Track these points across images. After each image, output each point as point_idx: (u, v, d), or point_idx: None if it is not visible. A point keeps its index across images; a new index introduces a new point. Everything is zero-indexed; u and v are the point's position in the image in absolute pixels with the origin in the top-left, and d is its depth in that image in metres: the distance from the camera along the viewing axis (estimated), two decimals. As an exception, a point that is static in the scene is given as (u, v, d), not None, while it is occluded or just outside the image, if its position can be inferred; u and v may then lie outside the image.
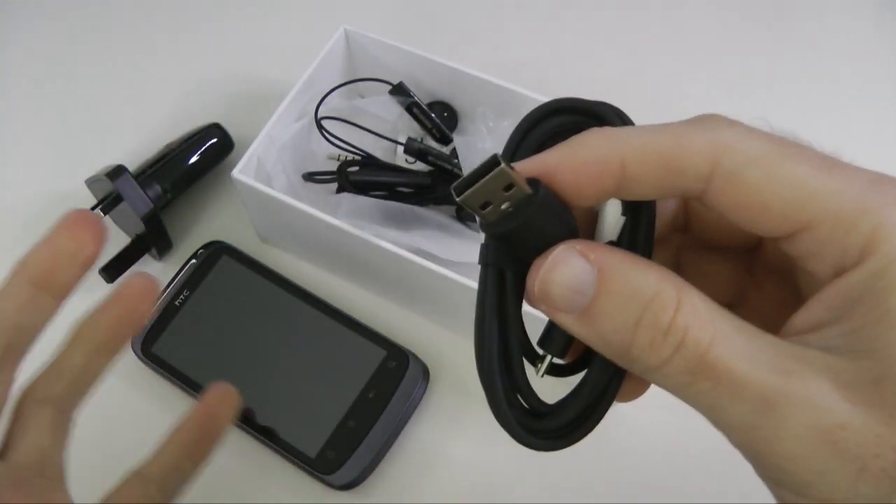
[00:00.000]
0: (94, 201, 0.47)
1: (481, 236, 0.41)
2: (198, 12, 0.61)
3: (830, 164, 0.20)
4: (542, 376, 0.23)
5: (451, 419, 0.45)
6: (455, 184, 0.20)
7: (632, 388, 0.25)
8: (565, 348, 0.23)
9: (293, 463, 0.42)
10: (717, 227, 0.23)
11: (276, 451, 0.43)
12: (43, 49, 0.60)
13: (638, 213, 0.21)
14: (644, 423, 0.44)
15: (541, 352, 0.23)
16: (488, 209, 0.20)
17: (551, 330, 0.23)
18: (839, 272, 0.19)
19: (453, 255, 0.44)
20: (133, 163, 0.49)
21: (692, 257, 0.25)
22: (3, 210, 0.52)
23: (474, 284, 0.40)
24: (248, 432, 0.43)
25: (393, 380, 0.43)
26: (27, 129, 0.56)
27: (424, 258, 0.41)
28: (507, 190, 0.20)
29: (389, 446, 0.43)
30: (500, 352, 0.22)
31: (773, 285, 0.21)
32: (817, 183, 0.19)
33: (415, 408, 0.44)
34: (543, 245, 0.20)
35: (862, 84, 0.56)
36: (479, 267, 0.22)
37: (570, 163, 0.21)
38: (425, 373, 0.44)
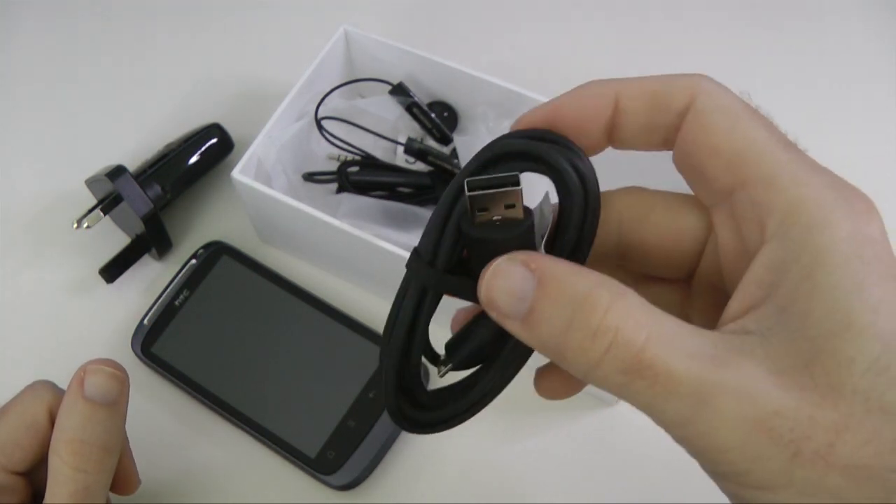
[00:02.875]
0: (94, 201, 0.47)
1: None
2: (198, 13, 0.61)
3: (786, 141, 0.21)
4: (442, 376, 0.25)
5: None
6: (471, 179, 0.22)
7: (563, 388, 0.27)
8: (467, 366, 0.25)
9: (293, 463, 0.42)
10: (655, 257, 0.24)
11: (276, 451, 0.43)
12: (43, 49, 0.60)
13: (582, 228, 0.22)
14: (644, 423, 0.44)
15: (444, 356, 0.25)
16: (482, 213, 0.22)
17: (460, 343, 0.25)
18: (764, 240, 0.20)
19: (453, 255, 0.44)
20: (133, 163, 0.49)
21: (632, 287, 0.26)
22: (3, 210, 0.52)
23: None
24: (248, 432, 0.43)
25: (393, 380, 0.43)
26: (27, 129, 0.56)
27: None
28: (506, 208, 0.22)
29: (389, 446, 0.43)
30: (404, 352, 0.24)
31: (709, 308, 0.22)
32: (765, 146, 0.20)
33: (415, 408, 0.44)
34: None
35: (862, 83, 0.56)
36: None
37: (570, 101, 0.23)
38: (425, 373, 0.44)
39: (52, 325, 0.48)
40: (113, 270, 0.48)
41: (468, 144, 0.46)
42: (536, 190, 0.24)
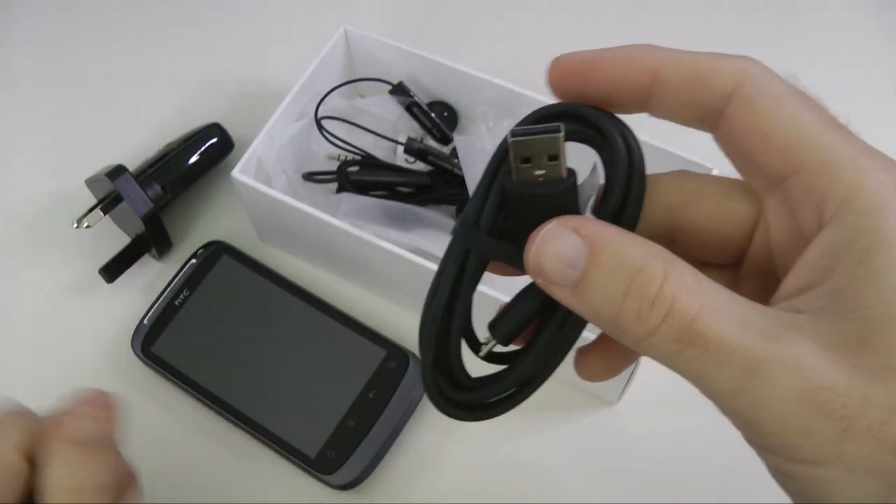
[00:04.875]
0: (94, 201, 0.47)
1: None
2: (198, 12, 0.61)
3: (837, 124, 0.21)
4: (483, 356, 0.24)
5: (451, 419, 0.44)
6: (516, 127, 0.21)
7: (605, 369, 0.26)
8: (510, 338, 0.23)
9: (293, 463, 0.42)
10: (703, 242, 0.24)
11: (276, 451, 0.43)
12: (43, 49, 0.60)
13: (628, 189, 0.22)
14: (644, 423, 0.44)
15: (486, 336, 0.24)
16: (525, 166, 0.21)
17: (503, 317, 0.23)
18: (821, 225, 0.20)
19: (453, 255, 0.44)
20: (133, 163, 0.49)
21: None
22: (3, 210, 0.52)
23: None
24: (248, 432, 0.43)
25: (393, 380, 0.43)
26: (27, 129, 0.56)
27: (424, 258, 0.41)
28: (549, 160, 0.21)
29: (389, 446, 0.43)
30: (443, 322, 0.23)
31: (757, 294, 0.22)
32: (818, 130, 0.20)
33: (415, 408, 0.44)
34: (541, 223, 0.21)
35: (862, 83, 0.56)
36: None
37: (612, 57, 0.22)
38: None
39: (52, 325, 0.48)
40: (113, 270, 0.48)
41: (468, 144, 0.46)
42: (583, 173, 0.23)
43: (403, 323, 0.47)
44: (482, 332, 0.24)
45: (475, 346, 0.24)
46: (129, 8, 0.61)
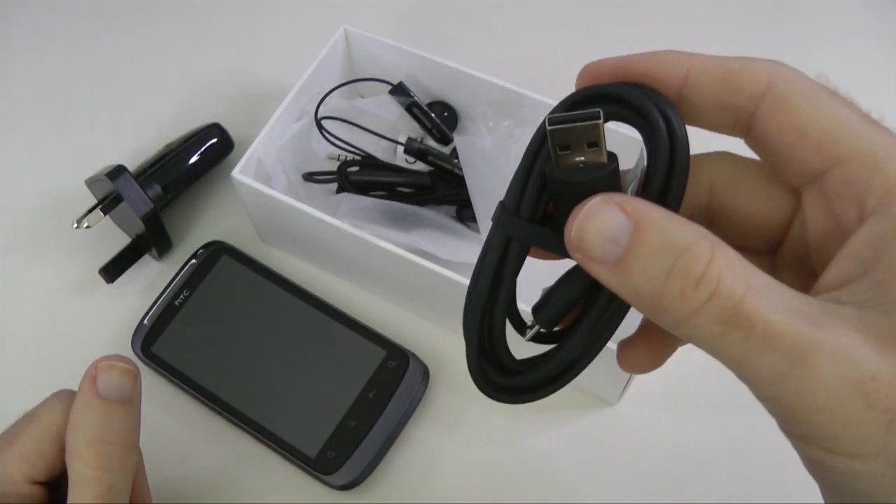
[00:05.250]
0: (94, 201, 0.47)
1: (481, 237, 0.41)
2: (198, 12, 0.61)
3: (872, 119, 0.21)
4: (529, 339, 0.24)
5: (451, 419, 0.45)
6: (552, 114, 0.21)
7: (647, 361, 0.26)
8: (554, 322, 0.24)
9: (293, 463, 0.42)
10: (742, 226, 0.24)
11: (276, 451, 0.43)
12: (43, 49, 0.60)
13: (671, 170, 0.22)
14: (645, 423, 0.44)
15: (530, 320, 0.24)
16: (564, 153, 0.21)
17: (546, 301, 0.24)
18: (863, 217, 0.20)
19: (453, 255, 0.44)
20: (133, 163, 0.49)
21: None
22: (4, 210, 0.52)
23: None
24: (248, 432, 0.43)
25: (393, 380, 0.43)
26: (27, 129, 0.56)
27: (424, 258, 0.41)
28: (589, 146, 0.21)
29: (389, 446, 0.43)
30: (486, 308, 0.23)
31: (793, 284, 0.22)
32: (854, 124, 0.21)
33: (415, 408, 0.44)
34: None
35: (863, 84, 0.56)
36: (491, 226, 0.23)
37: (642, 60, 0.22)
38: (425, 373, 0.44)
39: (52, 325, 0.48)
40: (113, 270, 0.48)
41: (468, 144, 0.46)
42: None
43: (403, 323, 0.47)
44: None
45: (521, 328, 0.24)
46: (129, 8, 0.61)
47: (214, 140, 0.51)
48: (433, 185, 0.46)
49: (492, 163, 0.44)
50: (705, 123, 0.23)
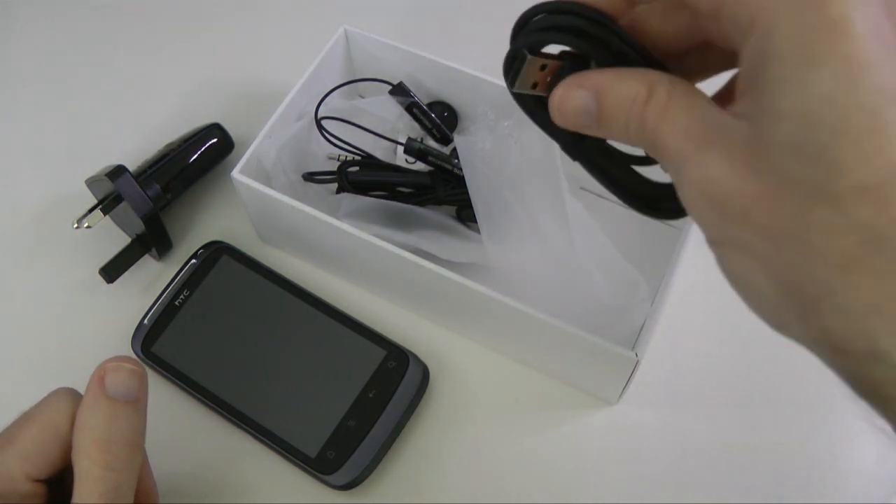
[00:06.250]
0: (94, 201, 0.47)
1: (481, 237, 0.42)
2: (198, 13, 0.61)
3: None
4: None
5: (451, 419, 0.45)
6: (507, 81, 0.28)
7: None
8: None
9: (293, 463, 0.42)
10: (658, 37, 0.28)
11: (276, 451, 0.43)
12: (43, 49, 0.60)
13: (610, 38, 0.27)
14: (645, 423, 0.44)
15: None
16: (537, 88, 0.28)
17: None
18: (745, 38, 0.23)
19: (453, 256, 0.44)
20: (133, 163, 0.49)
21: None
22: (4, 210, 0.52)
23: (474, 285, 0.40)
24: (248, 432, 0.43)
25: (393, 380, 0.43)
26: (27, 130, 0.56)
27: (424, 258, 0.41)
28: (542, 69, 0.27)
29: (389, 446, 0.43)
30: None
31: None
32: None
33: (415, 408, 0.44)
34: None
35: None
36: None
37: None
38: (425, 373, 0.44)
39: (53, 325, 0.48)
40: (113, 270, 0.48)
41: (468, 144, 0.46)
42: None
43: (403, 323, 0.47)
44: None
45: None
46: (129, 8, 0.61)
47: (214, 140, 0.51)
48: (433, 185, 0.46)
49: (492, 163, 0.44)
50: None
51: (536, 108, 0.29)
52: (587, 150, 0.30)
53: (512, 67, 0.28)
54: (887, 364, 0.21)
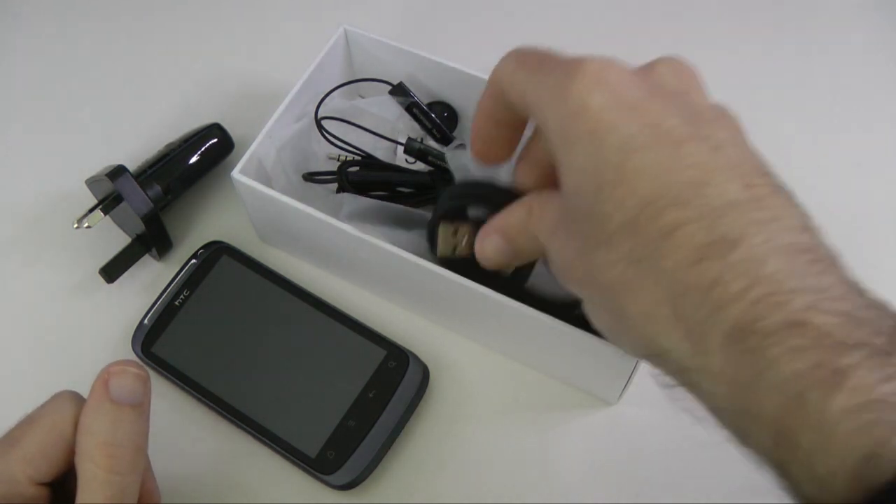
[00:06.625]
0: (94, 201, 0.47)
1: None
2: (198, 12, 0.61)
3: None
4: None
5: (452, 419, 0.45)
6: (430, 251, 0.38)
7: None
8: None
9: (293, 463, 0.42)
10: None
11: (276, 451, 0.43)
12: (43, 49, 0.60)
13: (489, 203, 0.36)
14: (645, 423, 0.44)
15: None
16: (458, 249, 0.38)
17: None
18: (553, 153, 0.30)
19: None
20: (133, 163, 0.49)
21: None
22: (4, 210, 0.52)
23: (474, 285, 0.40)
24: (248, 432, 0.43)
25: (393, 380, 0.43)
26: (27, 129, 0.56)
27: (424, 258, 0.41)
28: (455, 234, 0.37)
29: (389, 446, 0.43)
30: None
31: None
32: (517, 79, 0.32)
33: (415, 408, 0.44)
34: None
35: (863, 85, 0.56)
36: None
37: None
38: (425, 373, 0.44)
39: (53, 325, 0.48)
40: (113, 270, 0.48)
41: (458, 157, 0.46)
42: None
43: (403, 323, 0.47)
44: None
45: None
46: (128, 8, 0.61)
47: (214, 140, 0.51)
48: (433, 185, 0.46)
49: (486, 170, 0.44)
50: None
51: (468, 269, 0.37)
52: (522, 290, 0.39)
53: (433, 238, 0.38)
54: (671, 359, 0.27)
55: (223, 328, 0.45)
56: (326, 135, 0.46)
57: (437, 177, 0.47)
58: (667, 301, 0.26)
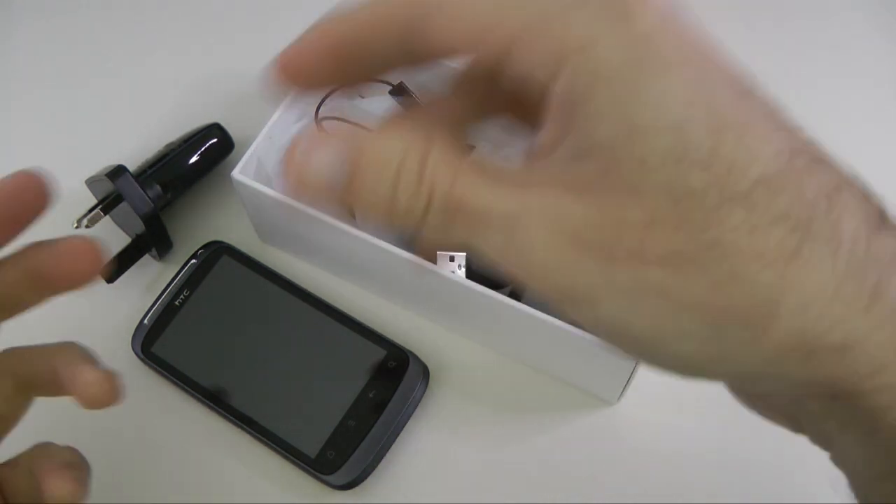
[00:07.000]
0: (94, 201, 0.47)
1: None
2: (198, 12, 0.61)
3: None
4: None
5: (452, 419, 0.45)
6: None
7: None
8: None
9: (293, 463, 0.42)
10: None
11: (276, 451, 0.43)
12: (43, 49, 0.59)
13: None
14: (645, 423, 0.44)
15: None
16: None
17: None
18: (549, 82, 0.20)
19: (453, 255, 0.44)
20: (133, 163, 0.49)
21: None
22: (3, 210, 0.52)
23: (474, 285, 0.40)
24: (248, 432, 0.43)
25: (393, 380, 0.43)
26: (27, 129, 0.56)
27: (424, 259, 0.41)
28: None
29: (389, 446, 0.43)
30: None
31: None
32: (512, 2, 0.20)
33: (415, 408, 0.44)
34: None
35: (865, 83, 0.56)
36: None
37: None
38: (425, 373, 0.44)
39: (52, 325, 0.48)
40: (113, 270, 0.48)
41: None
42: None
43: (403, 323, 0.47)
44: None
45: None
46: (128, 7, 0.61)
47: (214, 140, 0.51)
48: (433, 186, 0.46)
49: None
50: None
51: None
52: None
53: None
54: (858, 352, 0.19)
55: (223, 328, 0.45)
56: (326, 135, 0.46)
57: (437, 177, 0.47)
58: (848, 278, 0.19)
